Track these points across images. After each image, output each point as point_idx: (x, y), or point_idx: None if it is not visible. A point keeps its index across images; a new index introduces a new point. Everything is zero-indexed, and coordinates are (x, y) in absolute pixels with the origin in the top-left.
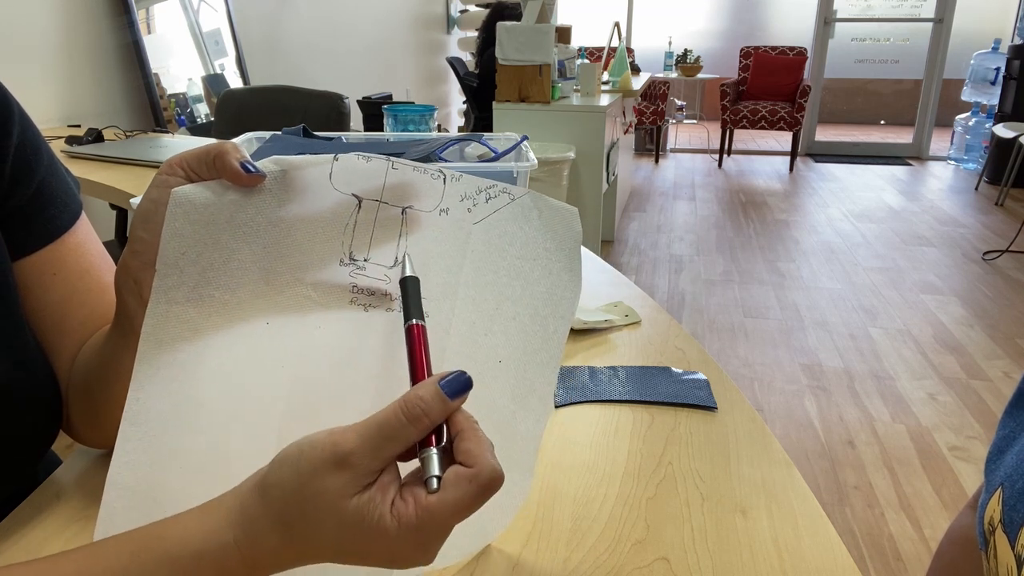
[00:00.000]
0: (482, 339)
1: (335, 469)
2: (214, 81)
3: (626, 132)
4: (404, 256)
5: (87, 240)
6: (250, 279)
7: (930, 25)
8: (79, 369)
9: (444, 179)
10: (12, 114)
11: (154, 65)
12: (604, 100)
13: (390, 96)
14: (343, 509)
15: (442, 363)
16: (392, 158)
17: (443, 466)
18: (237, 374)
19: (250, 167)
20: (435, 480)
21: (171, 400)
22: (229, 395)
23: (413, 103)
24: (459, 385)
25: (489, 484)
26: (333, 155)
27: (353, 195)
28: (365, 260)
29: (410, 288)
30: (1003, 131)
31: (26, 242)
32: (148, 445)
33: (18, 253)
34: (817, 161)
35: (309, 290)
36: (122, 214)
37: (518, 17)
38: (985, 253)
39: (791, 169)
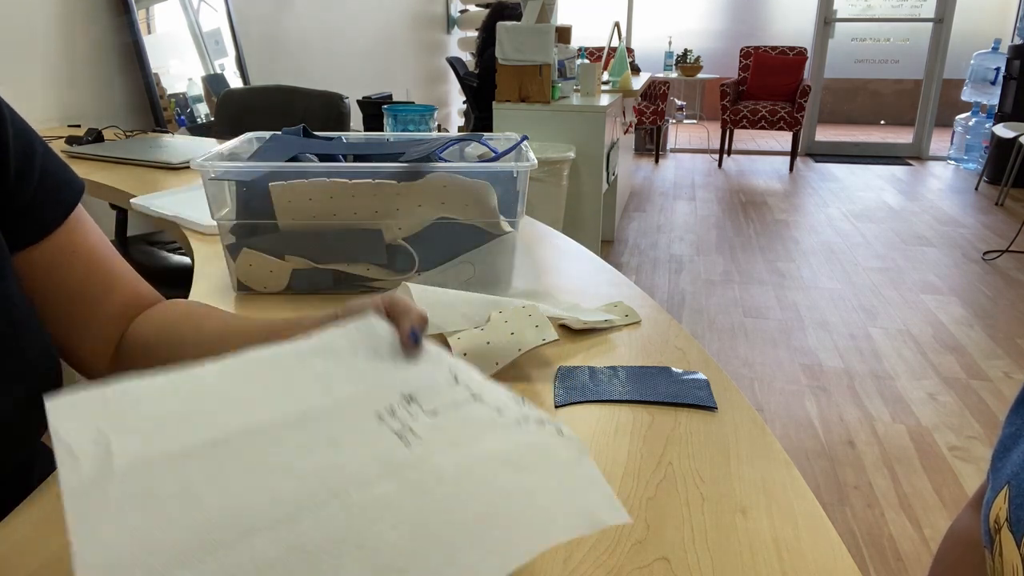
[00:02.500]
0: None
1: None
2: (214, 81)
3: (626, 132)
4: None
5: (84, 214)
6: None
7: (930, 25)
8: (141, 333)
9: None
10: (1, 108)
11: (154, 65)
12: (604, 100)
13: (390, 96)
14: None
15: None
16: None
17: None
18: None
19: (415, 337)
20: None
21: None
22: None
23: (413, 103)
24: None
25: None
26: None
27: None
28: None
29: None
30: (1003, 131)
31: (43, 225)
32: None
33: (35, 237)
34: (817, 161)
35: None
36: (122, 214)
37: (518, 17)
38: (985, 253)
39: (791, 169)
